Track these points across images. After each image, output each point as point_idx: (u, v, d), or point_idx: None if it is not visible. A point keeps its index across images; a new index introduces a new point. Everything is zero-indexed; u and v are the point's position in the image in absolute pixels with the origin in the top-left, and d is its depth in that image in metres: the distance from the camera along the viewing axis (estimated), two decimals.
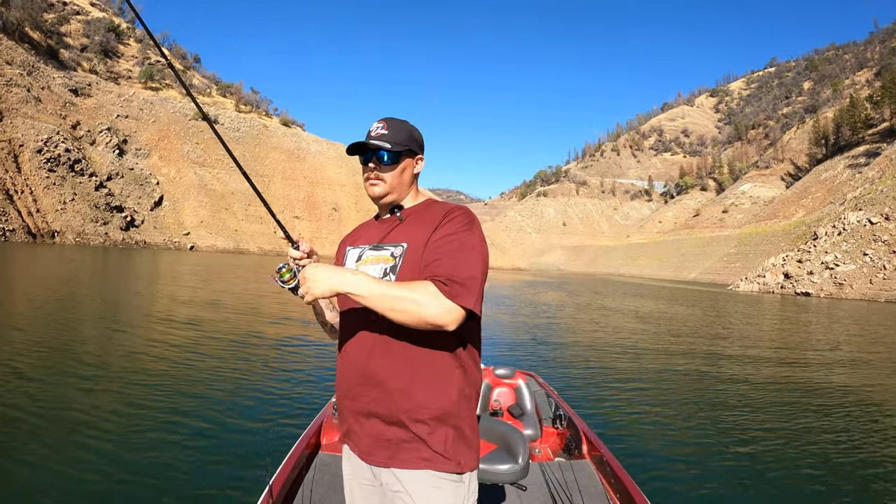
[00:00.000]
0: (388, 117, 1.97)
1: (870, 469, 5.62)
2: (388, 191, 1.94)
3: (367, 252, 1.93)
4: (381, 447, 1.78)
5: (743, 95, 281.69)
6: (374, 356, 1.79)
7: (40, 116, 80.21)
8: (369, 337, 1.81)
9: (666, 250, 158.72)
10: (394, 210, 2.00)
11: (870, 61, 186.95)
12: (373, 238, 1.97)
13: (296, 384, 7.73)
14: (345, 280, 1.68)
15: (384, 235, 1.93)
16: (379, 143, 1.89)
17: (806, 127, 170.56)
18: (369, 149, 1.92)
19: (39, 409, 5.83)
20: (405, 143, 1.94)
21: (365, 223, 2.11)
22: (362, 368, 1.81)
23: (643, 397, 8.39)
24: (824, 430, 7.07)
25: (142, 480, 4.28)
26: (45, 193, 71.61)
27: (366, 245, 1.96)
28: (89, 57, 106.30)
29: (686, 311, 28.00)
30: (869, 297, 53.21)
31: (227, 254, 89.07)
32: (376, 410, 1.78)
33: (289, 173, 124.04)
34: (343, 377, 1.88)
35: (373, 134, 1.92)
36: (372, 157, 1.92)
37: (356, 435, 1.85)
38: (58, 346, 9.24)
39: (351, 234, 2.12)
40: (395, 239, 1.90)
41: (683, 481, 4.97)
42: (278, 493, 2.91)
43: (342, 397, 1.89)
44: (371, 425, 1.80)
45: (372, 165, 1.93)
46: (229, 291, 22.87)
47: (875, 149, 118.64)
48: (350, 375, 1.84)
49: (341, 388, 1.89)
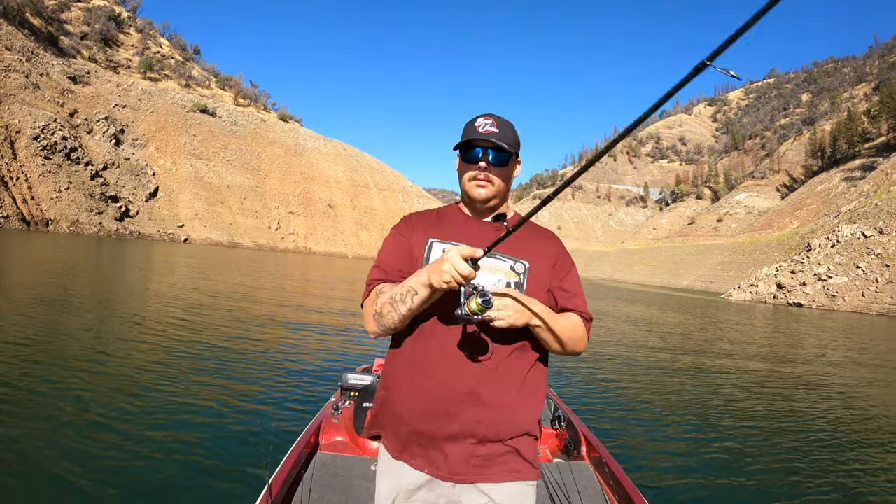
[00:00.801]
0: (493, 114, 1.84)
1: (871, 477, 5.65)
2: (495, 194, 1.84)
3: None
4: (473, 464, 1.71)
5: (741, 105, 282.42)
6: (482, 377, 1.71)
7: (38, 103, 79.98)
8: (472, 357, 1.72)
9: (660, 257, 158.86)
10: (499, 217, 1.90)
11: (868, 75, 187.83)
12: (475, 240, 1.75)
13: (295, 383, 7.71)
14: (537, 309, 1.67)
15: (493, 243, 1.67)
16: (497, 142, 1.76)
17: (803, 139, 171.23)
18: (481, 146, 1.79)
19: (32, 404, 5.81)
20: (515, 145, 1.83)
21: (446, 216, 1.95)
22: (466, 389, 1.70)
23: (641, 399, 8.42)
24: (820, 430, 7.12)
25: (139, 480, 4.26)
26: (41, 181, 71.35)
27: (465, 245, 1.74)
28: (89, 45, 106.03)
29: (679, 318, 28.08)
30: (861, 310, 53.43)
31: (222, 247, 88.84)
32: (477, 430, 1.70)
33: (285, 168, 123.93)
34: (429, 397, 1.72)
35: (481, 130, 1.79)
36: (482, 155, 1.79)
37: (439, 455, 1.72)
38: (51, 340, 9.20)
39: (426, 223, 1.92)
40: (513, 253, 1.81)
41: (682, 482, 4.99)
42: (277, 492, 2.90)
43: (422, 418, 1.72)
44: (465, 444, 1.71)
45: (483, 165, 1.79)
46: (226, 286, 22.77)
47: (871, 163, 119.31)
48: (443, 396, 1.70)
49: (422, 407, 1.73)
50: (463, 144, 1.81)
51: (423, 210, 2.00)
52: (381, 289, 1.79)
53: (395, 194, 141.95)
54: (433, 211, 1.99)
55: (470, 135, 1.80)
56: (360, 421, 3.74)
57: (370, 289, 1.84)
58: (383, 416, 1.85)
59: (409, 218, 1.96)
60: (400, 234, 1.90)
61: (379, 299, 1.76)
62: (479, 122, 1.81)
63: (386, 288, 1.77)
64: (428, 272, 1.61)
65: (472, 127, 1.81)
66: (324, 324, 14.24)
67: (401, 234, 1.89)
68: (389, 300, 1.71)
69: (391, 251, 1.88)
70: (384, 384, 1.87)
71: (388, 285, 1.77)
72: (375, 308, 1.76)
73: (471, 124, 1.83)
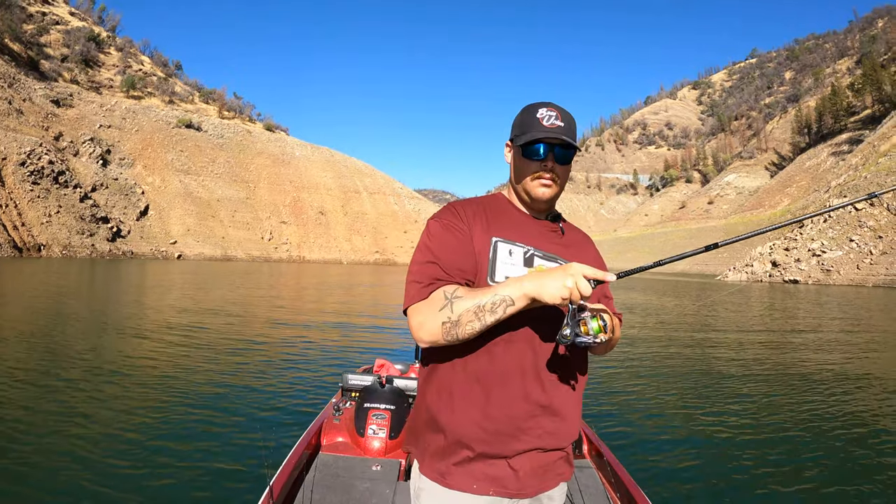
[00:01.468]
0: (554, 104, 1.67)
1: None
2: (558, 193, 1.69)
3: (537, 259, 1.64)
4: (539, 476, 1.61)
5: (725, 87, 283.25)
6: (553, 388, 1.60)
7: (22, 129, 79.72)
8: (552, 370, 1.60)
9: (653, 243, 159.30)
10: (555, 218, 1.77)
11: (850, 50, 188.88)
12: (537, 242, 1.66)
13: (296, 385, 7.73)
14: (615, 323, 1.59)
15: (551, 244, 1.68)
16: (567, 139, 1.60)
17: (788, 116, 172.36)
18: (548, 143, 1.62)
19: (40, 412, 5.80)
20: (576, 141, 1.66)
21: (501, 211, 1.73)
22: (541, 402, 1.58)
23: (643, 396, 8.37)
24: (828, 420, 7.11)
25: (142, 482, 4.27)
26: (30, 206, 71.11)
27: (529, 247, 1.65)
28: (70, 67, 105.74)
29: (676, 303, 28.12)
30: (857, 283, 53.72)
31: (216, 261, 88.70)
32: (546, 442, 1.59)
33: (274, 178, 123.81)
34: (502, 416, 1.55)
35: (546, 123, 1.61)
36: (548, 152, 1.62)
37: (507, 473, 1.57)
38: (55, 349, 9.20)
39: (482, 218, 1.68)
40: (567, 256, 1.68)
41: (684, 481, 4.97)
42: (279, 493, 2.91)
43: (493, 439, 1.55)
44: (533, 457, 1.59)
45: (549, 164, 1.63)
46: (224, 296, 22.77)
47: (857, 136, 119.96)
48: (518, 413, 1.56)
49: (493, 428, 1.55)
50: (523, 139, 1.62)
51: (467, 199, 1.76)
52: (455, 292, 1.49)
53: (386, 197, 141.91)
54: (481, 202, 1.75)
55: (532, 128, 1.62)
56: (361, 421, 3.74)
57: (431, 289, 1.54)
58: (433, 441, 1.61)
59: (460, 208, 1.69)
60: (456, 227, 1.63)
61: (455, 305, 1.47)
62: (543, 113, 1.63)
63: (461, 291, 1.49)
64: (535, 283, 1.42)
65: (534, 119, 1.63)
66: (323, 325, 14.25)
67: (457, 229, 1.62)
68: (476, 309, 1.45)
69: (452, 246, 1.60)
70: (435, 404, 1.62)
71: (462, 288, 1.51)
72: (449, 315, 1.47)
73: (530, 115, 1.65)
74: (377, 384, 4.00)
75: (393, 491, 3.19)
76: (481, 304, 1.44)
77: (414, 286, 1.57)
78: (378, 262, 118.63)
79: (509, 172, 1.75)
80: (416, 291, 1.55)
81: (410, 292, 1.57)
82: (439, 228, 1.63)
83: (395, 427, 3.68)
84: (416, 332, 1.52)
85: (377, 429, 3.66)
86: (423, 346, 1.56)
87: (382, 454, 3.58)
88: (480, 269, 1.60)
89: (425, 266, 1.58)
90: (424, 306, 1.52)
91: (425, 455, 1.62)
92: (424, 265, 1.58)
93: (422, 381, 1.70)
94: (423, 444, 1.64)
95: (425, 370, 1.69)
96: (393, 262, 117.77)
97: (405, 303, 1.58)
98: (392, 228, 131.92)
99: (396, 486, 3.24)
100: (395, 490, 3.20)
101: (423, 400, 1.67)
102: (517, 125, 1.68)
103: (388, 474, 3.35)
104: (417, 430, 1.69)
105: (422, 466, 1.63)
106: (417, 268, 1.59)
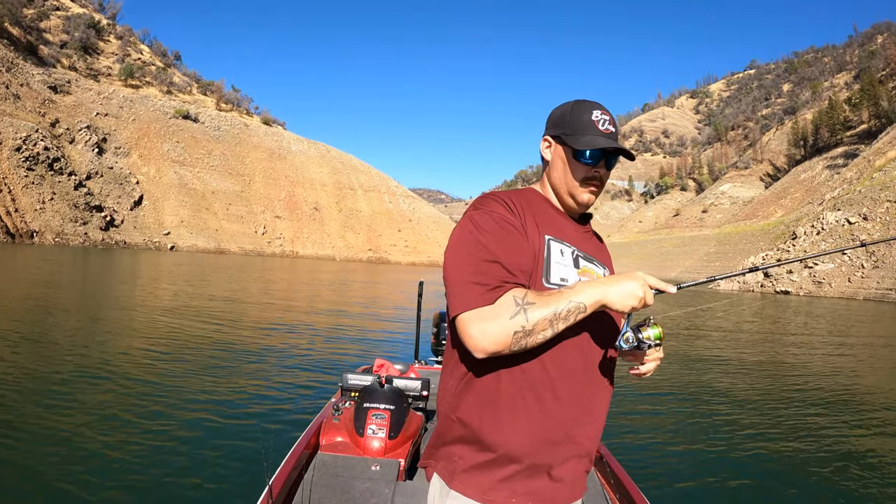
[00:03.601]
0: (604, 106, 1.58)
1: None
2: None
3: (581, 261, 1.56)
4: (580, 481, 1.55)
5: (723, 97, 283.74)
6: (597, 393, 1.54)
7: (19, 114, 79.18)
8: (603, 375, 1.54)
9: (646, 249, 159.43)
10: (587, 218, 1.71)
11: (849, 64, 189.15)
12: (577, 242, 1.59)
13: (295, 384, 7.73)
14: None
15: (588, 247, 1.63)
16: (624, 148, 1.54)
17: (785, 128, 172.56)
18: (606, 149, 1.54)
19: (34, 406, 5.79)
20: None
21: (541, 208, 1.59)
22: (588, 408, 1.51)
23: (641, 396, 8.42)
24: (819, 424, 7.16)
25: (141, 481, 4.28)
26: (24, 192, 70.68)
27: (573, 247, 1.56)
28: (69, 53, 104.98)
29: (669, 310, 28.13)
30: (847, 295, 53.94)
31: (209, 254, 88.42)
32: (588, 447, 1.53)
33: (270, 172, 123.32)
34: (554, 425, 1.45)
35: (601, 128, 1.54)
36: (602, 159, 1.56)
37: (550, 484, 1.46)
38: (50, 344, 9.17)
39: (530, 213, 1.53)
40: (599, 257, 1.65)
41: (683, 481, 5.00)
42: (278, 493, 2.91)
43: (542, 449, 1.44)
44: (576, 463, 1.51)
45: (602, 171, 1.57)
46: (221, 291, 22.71)
47: (853, 150, 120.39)
48: (568, 420, 1.46)
49: (544, 437, 1.44)
50: (580, 142, 1.53)
51: (506, 191, 1.59)
52: (526, 298, 1.34)
53: (381, 195, 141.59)
54: (522, 195, 1.59)
55: (588, 131, 1.53)
56: (361, 421, 3.74)
57: (499, 292, 1.36)
58: (471, 457, 1.45)
59: (509, 200, 1.52)
60: (511, 221, 1.46)
61: (530, 313, 1.32)
62: (597, 116, 1.55)
63: (531, 297, 1.35)
64: (606, 290, 1.36)
65: (590, 121, 1.55)
66: (323, 325, 14.24)
67: (512, 223, 1.46)
68: (552, 317, 1.33)
69: (511, 243, 1.44)
70: (476, 417, 1.45)
71: (532, 293, 1.37)
72: (523, 324, 1.32)
73: (583, 115, 1.56)
74: (377, 384, 4.01)
75: (392, 491, 3.20)
76: (557, 311, 1.33)
77: (474, 288, 1.37)
78: (371, 259, 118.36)
79: (546, 167, 1.65)
80: (480, 294, 1.36)
81: (469, 295, 1.37)
82: (492, 222, 1.45)
83: (394, 427, 3.68)
84: (475, 341, 1.34)
85: (377, 429, 3.66)
86: (481, 355, 1.36)
87: (382, 454, 3.58)
88: (537, 268, 1.47)
89: (486, 265, 1.39)
90: (490, 312, 1.34)
91: (456, 471, 1.46)
92: (485, 264, 1.39)
93: (452, 393, 1.52)
94: (454, 460, 1.47)
95: (456, 380, 1.51)
96: (386, 261, 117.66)
97: (459, 307, 1.37)
98: (386, 227, 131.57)
99: (396, 486, 3.25)
100: (394, 490, 3.21)
101: (456, 413, 1.49)
102: (567, 123, 1.57)
103: (388, 474, 3.36)
104: (446, 445, 1.51)
105: (452, 482, 1.46)
106: (475, 266, 1.39)
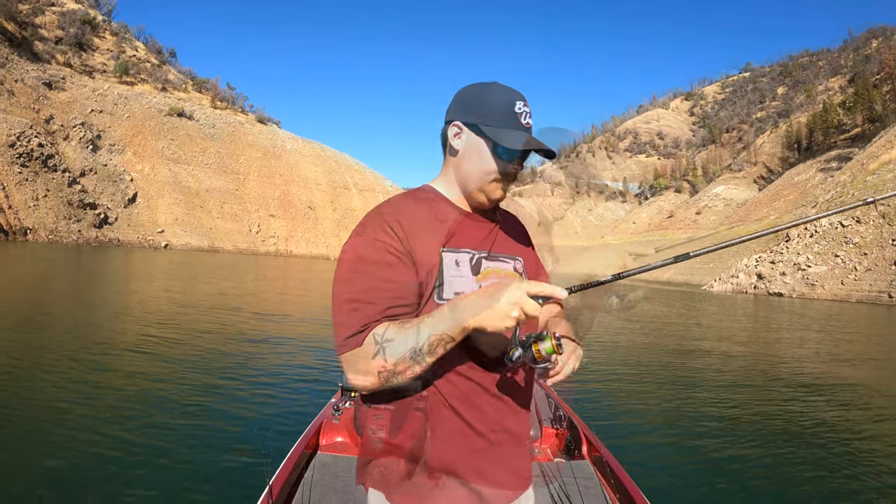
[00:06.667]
0: (521, 93, 1.44)
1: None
2: None
3: (484, 263, 1.44)
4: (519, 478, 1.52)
5: (717, 99, 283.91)
6: (516, 389, 1.49)
7: (13, 110, 78.65)
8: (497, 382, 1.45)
9: (639, 250, 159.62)
10: (493, 211, 1.56)
11: (843, 68, 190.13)
12: (479, 242, 1.47)
13: (295, 384, 7.71)
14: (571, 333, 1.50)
15: (492, 241, 1.49)
16: (549, 148, 1.41)
17: (779, 131, 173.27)
18: (534, 148, 1.41)
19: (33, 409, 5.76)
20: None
21: (438, 211, 1.47)
22: (508, 403, 1.46)
23: (641, 398, 8.45)
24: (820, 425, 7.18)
25: (140, 482, 4.26)
26: (18, 189, 70.22)
27: (474, 251, 1.44)
28: (63, 50, 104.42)
29: (664, 311, 28.24)
30: (840, 298, 54.10)
31: (202, 252, 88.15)
32: (520, 433, 1.51)
33: (264, 171, 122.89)
34: (478, 429, 1.42)
35: (523, 122, 1.41)
36: (522, 156, 1.43)
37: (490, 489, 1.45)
38: (46, 345, 9.13)
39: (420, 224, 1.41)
40: (507, 249, 1.53)
41: (683, 481, 5.01)
42: (278, 493, 2.91)
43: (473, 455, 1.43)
44: (510, 460, 1.49)
45: (520, 168, 1.44)
46: (218, 290, 22.63)
47: (847, 153, 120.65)
48: (491, 421, 1.44)
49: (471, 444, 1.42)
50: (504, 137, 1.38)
51: (397, 198, 1.48)
52: (385, 335, 1.29)
53: (376, 195, 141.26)
54: (416, 202, 1.48)
55: (511, 124, 1.40)
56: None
57: (362, 336, 1.31)
58: (400, 470, 1.43)
59: (392, 218, 1.39)
60: (390, 247, 1.35)
61: (388, 351, 1.28)
62: (520, 108, 1.41)
63: (391, 332, 1.29)
64: (473, 314, 1.22)
65: (512, 113, 1.40)
66: (323, 325, 14.21)
67: (391, 254, 1.34)
68: (411, 354, 1.26)
69: (385, 276, 1.34)
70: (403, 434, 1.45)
71: (393, 327, 1.30)
72: (383, 363, 1.29)
73: (505, 105, 1.41)
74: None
75: None
76: (417, 347, 1.26)
77: (341, 331, 1.35)
78: None
79: (453, 156, 1.49)
80: (343, 341, 1.34)
81: (341, 336, 1.35)
82: (372, 252, 1.35)
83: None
84: (353, 383, 1.36)
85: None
86: (364, 392, 1.42)
87: None
88: (426, 288, 1.37)
89: (351, 306, 1.34)
90: (358, 354, 1.32)
91: (390, 485, 1.42)
92: (350, 305, 1.34)
93: (367, 413, 1.51)
94: (386, 475, 1.43)
95: (369, 404, 1.50)
96: None
97: (337, 349, 1.37)
98: None
99: None
100: None
101: (379, 432, 1.48)
102: (486, 111, 1.41)
103: None
104: (375, 461, 1.47)
105: (389, 495, 1.42)
106: (350, 306, 1.34)
